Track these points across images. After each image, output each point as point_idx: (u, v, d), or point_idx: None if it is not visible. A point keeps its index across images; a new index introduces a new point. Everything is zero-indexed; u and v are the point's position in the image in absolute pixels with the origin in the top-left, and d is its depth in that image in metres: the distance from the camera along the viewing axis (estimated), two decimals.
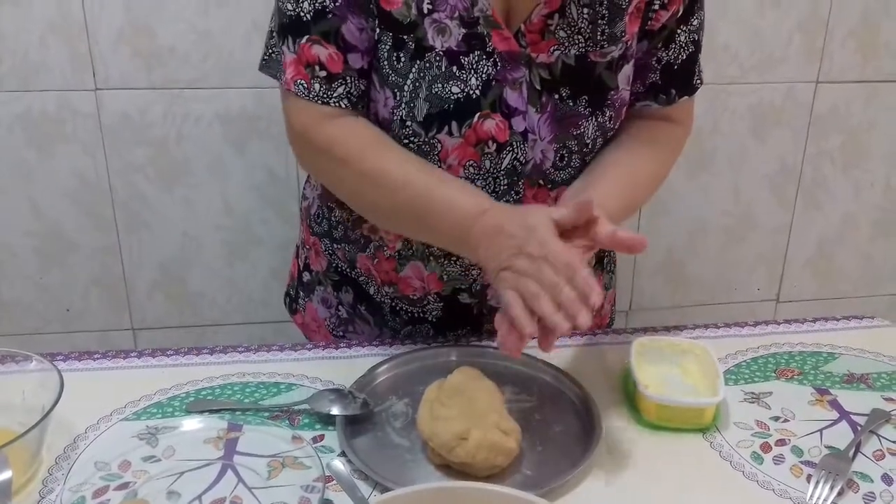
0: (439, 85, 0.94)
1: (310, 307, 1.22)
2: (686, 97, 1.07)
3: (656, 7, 0.98)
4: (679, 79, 1.05)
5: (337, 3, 0.92)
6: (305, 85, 0.95)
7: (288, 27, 0.94)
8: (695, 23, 1.02)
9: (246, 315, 1.84)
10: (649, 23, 0.99)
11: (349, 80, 0.95)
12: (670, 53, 1.03)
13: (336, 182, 1.02)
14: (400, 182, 0.94)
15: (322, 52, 0.94)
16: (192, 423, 0.90)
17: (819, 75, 1.87)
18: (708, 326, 1.15)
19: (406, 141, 0.97)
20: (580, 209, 0.86)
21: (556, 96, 0.97)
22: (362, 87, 0.97)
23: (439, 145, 0.97)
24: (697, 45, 1.05)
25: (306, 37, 0.93)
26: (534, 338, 0.83)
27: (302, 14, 0.93)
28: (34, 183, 1.66)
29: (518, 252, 0.84)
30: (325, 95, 0.95)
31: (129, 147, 1.66)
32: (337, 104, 0.95)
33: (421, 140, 0.97)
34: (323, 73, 0.94)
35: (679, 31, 1.01)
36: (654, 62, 1.03)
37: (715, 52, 1.76)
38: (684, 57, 1.04)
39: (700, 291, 2.05)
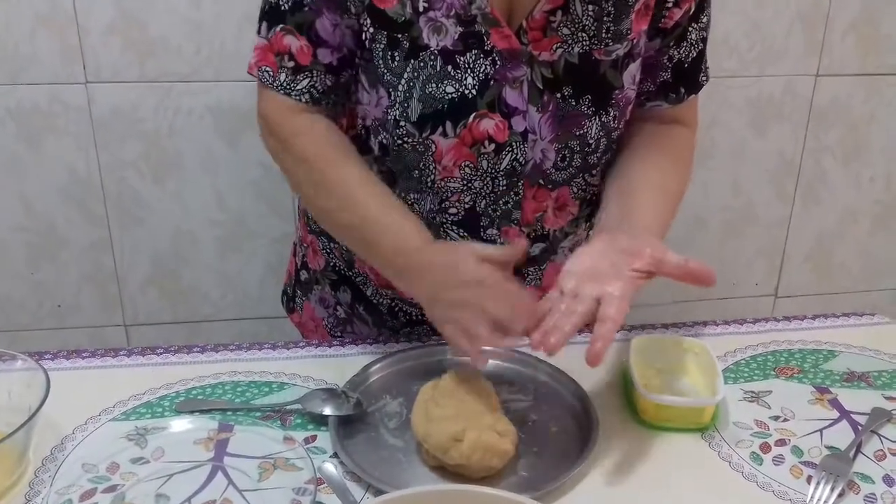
0: (433, 85, 0.92)
1: (307, 306, 1.21)
2: (693, 95, 1.06)
3: (669, 5, 0.96)
4: (688, 77, 1.04)
5: None
6: (271, 73, 0.95)
7: (267, 14, 0.95)
8: (704, 20, 1.01)
9: (240, 311, 1.83)
10: (662, 20, 0.97)
11: (314, 74, 0.95)
12: (681, 51, 1.01)
13: (292, 179, 1.02)
14: (350, 201, 0.95)
15: (294, 42, 0.94)
16: (181, 424, 0.89)
17: (819, 68, 1.86)
18: (706, 323, 1.13)
19: (400, 141, 0.95)
20: (511, 252, 0.89)
21: (559, 95, 0.95)
22: (328, 83, 0.96)
23: (433, 146, 0.95)
24: (705, 41, 1.03)
25: (281, 26, 0.94)
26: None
27: (281, 3, 0.93)
28: (25, 177, 1.64)
29: (444, 286, 0.88)
30: (287, 86, 0.95)
31: (120, 141, 1.64)
32: (298, 97, 0.96)
33: (415, 140, 0.95)
34: (291, 64, 0.95)
35: (690, 28, 1.00)
36: (665, 60, 1.01)
37: (714, 44, 1.72)
38: (694, 55, 1.02)
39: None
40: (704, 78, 1.06)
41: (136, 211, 1.70)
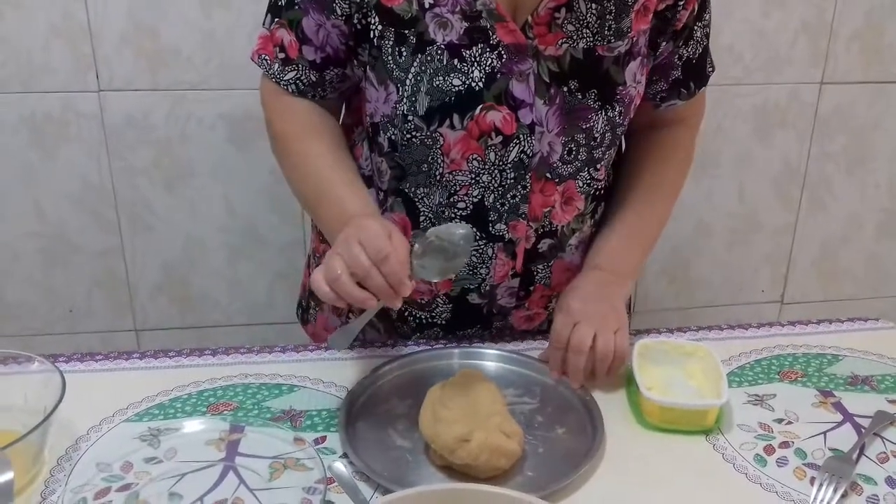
0: (440, 78, 0.95)
1: (320, 317, 1.22)
2: (703, 88, 1.11)
3: (679, 8, 1.00)
4: (696, 72, 1.09)
5: None
6: (268, 60, 1.03)
7: (272, 6, 1.02)
8: (706, 17, 1.06)
9: (249, 316, 1.84)
10: (675, 23, 1.01)
11: (300, 68, 1.01)
12: (689, 49, 1.06)
13: (275, 154, 1.08)
14: (311, 171, 1.02)
15: (286, 36, 1.00)
16: (193, 425, 0.90)
17: (824, 76, 1.87)
18: (711, 328, 1.14)
19: (409, 135, 0.98)
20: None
21: (565, 89, 0.97)
22: (312, 79, 1.02)
23: (441, 139, 0.98)
24: (708, 37, 1.08)
25: (277, 19, 1.01)
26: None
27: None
28: (38, 184, 1.66)
29: (353, 233, 0.87)
30: (278, 75, 1.03)
31: (132, 149, 1.66)
32: (286, 87, 1.03)
33: (423, 134, 0.97)
34: (282, 56, 1.02)
35: (695, 27, 1.04)
36: (676, 60, 1.06)
37: (720, 52, 1.75)
38: (700, 51, 1.07)
39: (704, 293, 2.05)
40: (711, 69, 1.11)
41: (147, 218, 1.72)
